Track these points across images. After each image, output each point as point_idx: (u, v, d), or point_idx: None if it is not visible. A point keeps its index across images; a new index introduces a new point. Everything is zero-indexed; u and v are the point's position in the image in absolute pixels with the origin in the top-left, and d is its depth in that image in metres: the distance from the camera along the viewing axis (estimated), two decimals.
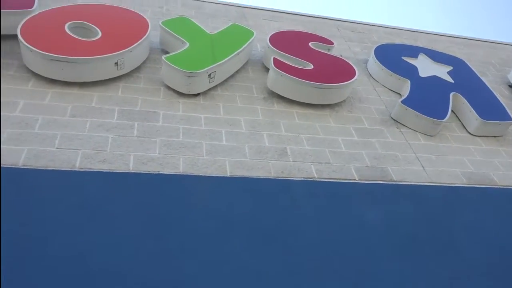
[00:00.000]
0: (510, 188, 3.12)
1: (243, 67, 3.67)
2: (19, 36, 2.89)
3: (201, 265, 2.05)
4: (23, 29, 2.98)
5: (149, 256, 2.03)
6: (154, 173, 2.51)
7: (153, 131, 2.80)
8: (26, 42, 2.84)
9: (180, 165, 2.59)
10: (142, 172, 2.49)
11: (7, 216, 2.01)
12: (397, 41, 4.91)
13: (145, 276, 1.94)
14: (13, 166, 2.32)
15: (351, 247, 2.34)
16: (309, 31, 4.44)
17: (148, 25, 3.40)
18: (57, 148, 2.50)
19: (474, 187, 3.05)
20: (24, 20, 3.06)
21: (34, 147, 2.46)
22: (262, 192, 2.57)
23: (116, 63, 3.01)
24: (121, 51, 3.00)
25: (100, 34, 3.14)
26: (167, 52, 3.51)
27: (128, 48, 3.05)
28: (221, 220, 2.30)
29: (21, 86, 2.87)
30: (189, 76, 3.04)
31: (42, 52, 2.80)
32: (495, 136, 3.67)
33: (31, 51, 2.81)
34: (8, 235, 1.94)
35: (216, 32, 3.68)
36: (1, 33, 3.14)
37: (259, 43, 3.98)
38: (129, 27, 3.32)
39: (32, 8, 3.24)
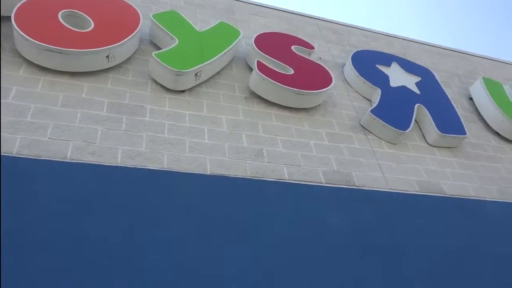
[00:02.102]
0: (456, 198, 3.52)
1: (228, 64, 3.86)
2: (13, 23, 2.96)
3: (179, 259, 2.33)
4: (17, 14, 3.03)
5: (132, 248, 2.28)
6: (140, 167, 2.72)
7: (140, 126, 2.99)
8: (21, 30, 2.92)
9: (164, 161, 2.82)
10: (129, 166, 2.70)
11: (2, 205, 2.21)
12: (374, 44, 5.18)
13: (124, 268, 2.20)
14: (8, 154, 2.48)
15: (312, 246, 2.67)
16: (292, 29, 4.64)
17: (139, 18, 3.50)
18: (49, 138, 2.66)
19: (424, 195, 3.43)
20: (18, 4, 3.11)
21: (27, 136, 2.61)
22: (238, 191, 2.84)
23: (108, 56, 3.14)
24: (113, 45, 3.13)
25: (92, 25, 3.24)
26: (155, 45, 3.66)
27: (120, 42, 3.18)
28: (199, 217, 2.56)
29: (13, 71, 2.97)
30: (177, 75, 3.21)
31: (36, 42, 2.89)
32: (449, 147, 4.05)
33: (26, 40, 2.90)
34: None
35: (205, 30, 3.83)
36: None
37: (244, 40, 4.13)
38: (120, 19, 3.43)
39: None
